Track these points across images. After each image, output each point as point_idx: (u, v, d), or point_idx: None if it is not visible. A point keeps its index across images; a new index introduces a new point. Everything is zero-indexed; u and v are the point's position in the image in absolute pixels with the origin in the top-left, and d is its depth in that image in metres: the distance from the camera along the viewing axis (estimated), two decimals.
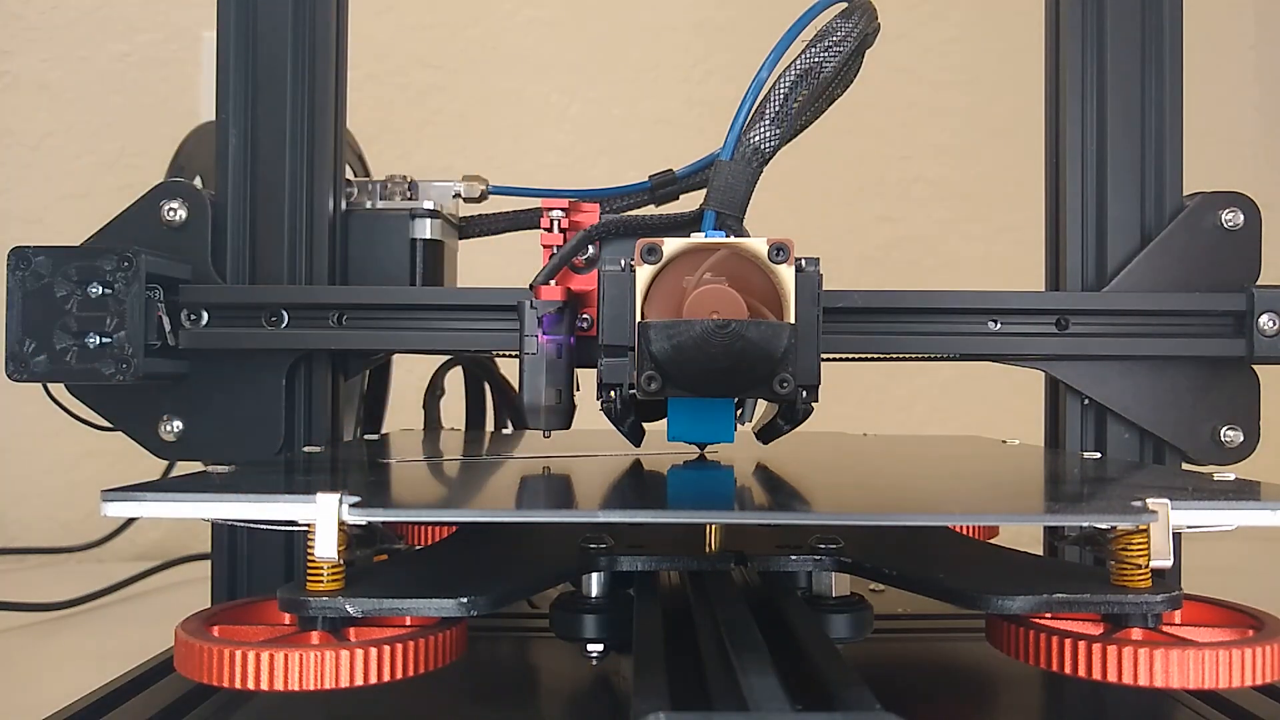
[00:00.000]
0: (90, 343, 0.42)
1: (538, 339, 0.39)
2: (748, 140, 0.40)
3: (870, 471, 0.43)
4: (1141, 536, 0.30)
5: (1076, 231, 0.48)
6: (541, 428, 0.39)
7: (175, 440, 0.46)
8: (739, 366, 0.33)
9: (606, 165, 1.06)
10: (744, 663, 0.25)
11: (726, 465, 0.42)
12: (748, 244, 0.34)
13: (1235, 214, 0.46)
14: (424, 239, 0.50)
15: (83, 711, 0.35)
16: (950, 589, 0.31)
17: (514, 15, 1.06)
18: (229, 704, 0.36)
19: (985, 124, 1.06)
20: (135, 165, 1.00)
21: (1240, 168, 1.07)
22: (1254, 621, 0.31)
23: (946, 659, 0.43)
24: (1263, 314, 0.44)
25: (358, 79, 0.52)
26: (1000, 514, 0.31)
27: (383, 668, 0.28)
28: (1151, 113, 0.48)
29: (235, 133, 0.47)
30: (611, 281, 0.36)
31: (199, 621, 0.30)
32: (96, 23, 1.01)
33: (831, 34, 0.41)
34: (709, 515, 0.32)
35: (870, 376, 1.02)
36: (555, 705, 0.38)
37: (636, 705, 0.22)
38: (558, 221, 0.44)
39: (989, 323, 0.46)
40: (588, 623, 0.35)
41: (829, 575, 0.36)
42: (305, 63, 0.48)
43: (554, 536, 0.37)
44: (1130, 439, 0.47)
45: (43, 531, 0.96)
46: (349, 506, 0.27)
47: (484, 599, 0.29)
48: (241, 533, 0.46)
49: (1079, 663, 0.28)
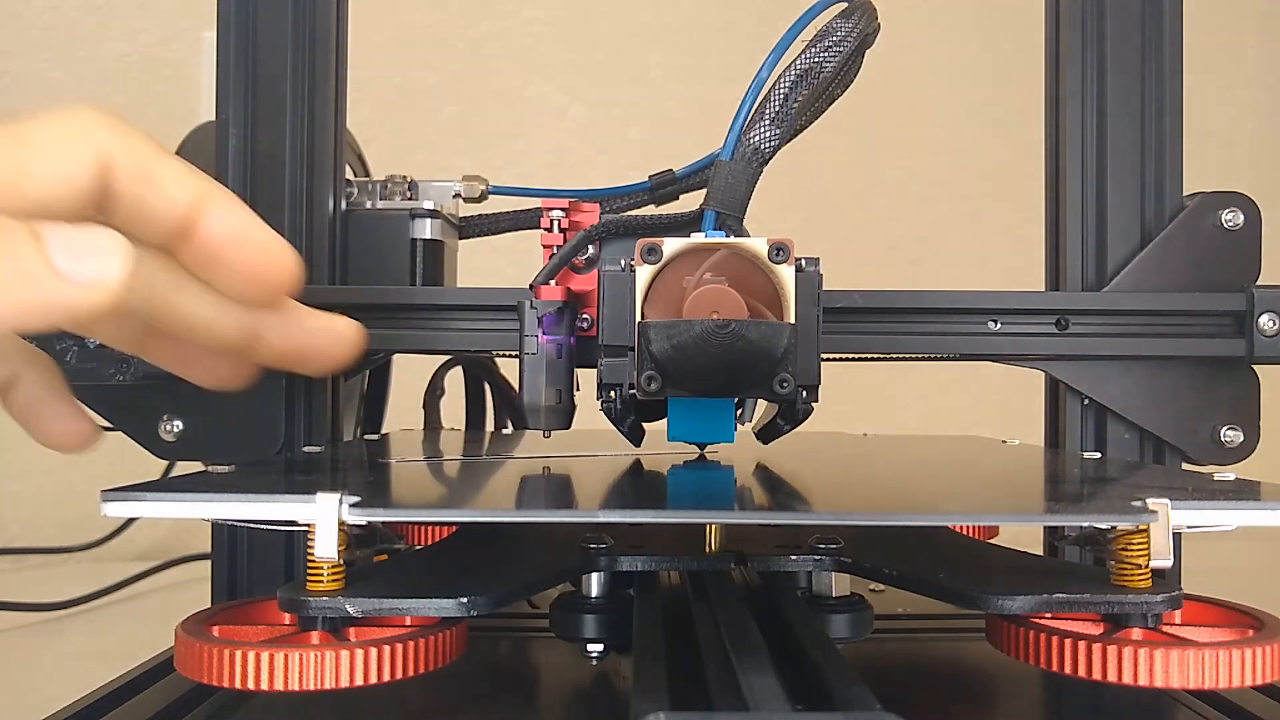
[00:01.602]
0: (90, 343, 0.42)
1: (538, 339, 0.39)
2: (748, 140, 0.40)
3: (870, 471, 0.43)
4: (1141, 536, 0.30)
5: (1076, 231, 0.48)
6: (541, 428, 0.39)
7: (175, 440, 0.46)
8: (739, 366, 0.33)
9: (606, 165, 1.06)
10: (744, 663, 0.25)
11: (726, 465, 0.42)
12: (748, 244, 0.34)
13: (1235, 214, 0.46)
14: (424, 239, 0.50)
15: (83, 711, 0.35)
16: (950, 589, 0.31)
17: (514, 15, 1.06)
18: (229, 704, 0.36)
19: (985, 124, 1.06)
20: None
21: (1240, 168, 1.07)
22: (1254, 621, 0.31)
23: (946, 659, 0.43)
24: (1263, 314, 0.44)
25: (358, 79, 0.52)
26: (1000, 514, 0.30)
27: (383, 668, 0.28)
28: (1151, 113, 0.48)
29: (235, 133, 0.47)
30: (611, 281, 0.36)
31: (199, 621, 0.30)
32: (96, 23, 1.01)
33: (831, 34, 0.41)
34: (709, 515, 0.32)
35: (870, 376, 1.02)
36: (555, 705, 0.38)
37: (636, 705, 0.22)
38: (558, 221, 0.44)
39: (989, 323, 0.46)
40: (588, 623, 0.35)
41: (829, 575, 0.36)
42: (305, 63, 0.48)
43: (554, 536, 0.37)
44: (1130, 439, 0.47)
45: (43, 531, 0.96)
46: (349, 506, 0.27)
47: (484, 599, 0.29)
48: (241, 533, 0.46)
49: (1079, 663, 0.28)
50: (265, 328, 0.34)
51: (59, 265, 0.26)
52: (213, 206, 0.31)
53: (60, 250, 0.26)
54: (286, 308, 0.34)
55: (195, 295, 0.32)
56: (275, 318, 0.34)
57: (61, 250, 0.26)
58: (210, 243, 0.31)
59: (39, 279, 0.26)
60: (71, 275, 0.26)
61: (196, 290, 0.32)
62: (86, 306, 0.26)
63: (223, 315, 0.32)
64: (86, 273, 0.26)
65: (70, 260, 0.26)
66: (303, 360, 0.35)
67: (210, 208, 0.31)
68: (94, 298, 0.26)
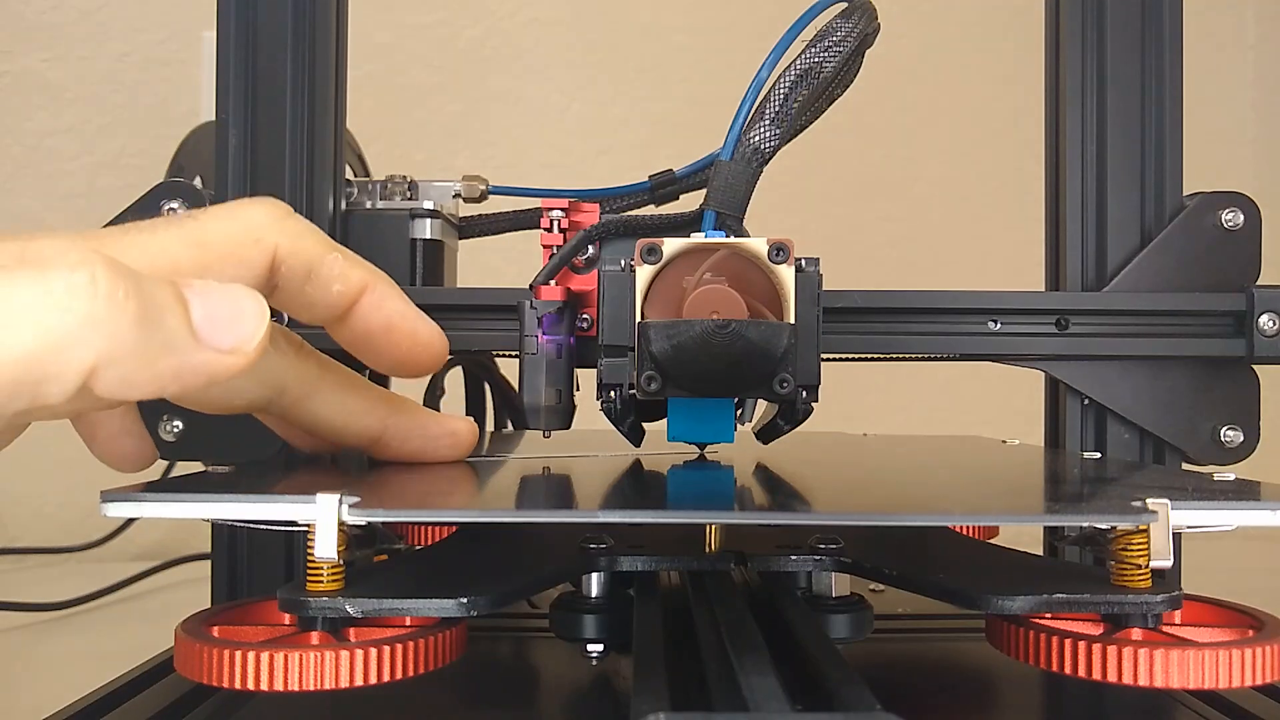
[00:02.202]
0: None
1: (538, 339, 0.39)
2: (748, 140, 0.40)
3: (870, 471, 0.43)
4: (1141, 536, 0.30)
5: (1076, 231, 0.48)
6: (541, 428, 0.39)
7: (175, 440, 0.46)
8: (739, 367, 0.33)
9: (606, 165, 1.06)
10: (744, 663, 0.25)
11: (726, 465, 0.42)
12: (748, 244, 0.34)
13: (1235, 214, 0.46)
14: (424, 239, 0.50)
15: (83, 711, 0.35)
16: (950, 589, 0.31)
17: (514, 15, 1.06)
18: (229, 704, 0.36)
19: (985, 124, 1.06)
20: (135, 165, 1.00)
21: (1240, 168, 1.07)
22: (1254, 621, 0.31)
23: (946, 659, 0.43)
24: (1263, 314, 0.44)
25: (358, 79, 0.52)
26: (1000, 514, 0.30)
27: (383, 668, 0.28)
28: (1151, 113, 0.48)
29: (235, 133, 0.47)
30: (611, 281, 0.36)
31: (199, 622, 0.30)
32: (96, 23, 1.01)
33: (831, 34, 0.41)
34: (709, 515, 0.32)
35: (870, 376, 1.02)
36: (555, 705, 0.38)
37: (636, 705, 0.22)
38: (558, 221, 0.44)
39: (989, 323, 0.46)
40: (588, 623, 0.35)
41: (829, 575, 0.36)
42: (305, 63, 0.48)
43: (554, 537, 0.37)
44: (1130, 439, 0.47)
45: (43, 531, 0.96)
46: (349, 506, 0.27)
47: (484, 599, 0.29)
48: (241, 533, 0.46)
49: (1079, 663, 0.28)
50: (389, 433, 0.35)
51: (202, 332, 0.26)
52: (368, 298, 0.32)
53: (204, 317, 0.26)
54: (409, 410, 0.36)
55: (327, 403, 0.33)
56: (399, 420, 0.35)
57: (206, 317, 0.26)
58: (365, 330, 0.32)
59: (182, 349, 0.25)
60: (213, 342, 0.26)
61: (330, 397, 0.33)
62: (224, 370, 0.26)
63: (352, 423, 0.34)
64: (227, 340, 0.26)
65: (213, 328, 0.26)
66: (420, 459, 0.37)
67: (367, 299, 0.32)
68: (231, 362, 0.26)
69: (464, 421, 0.37)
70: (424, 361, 0.35)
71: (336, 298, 0.32)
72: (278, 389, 0.32)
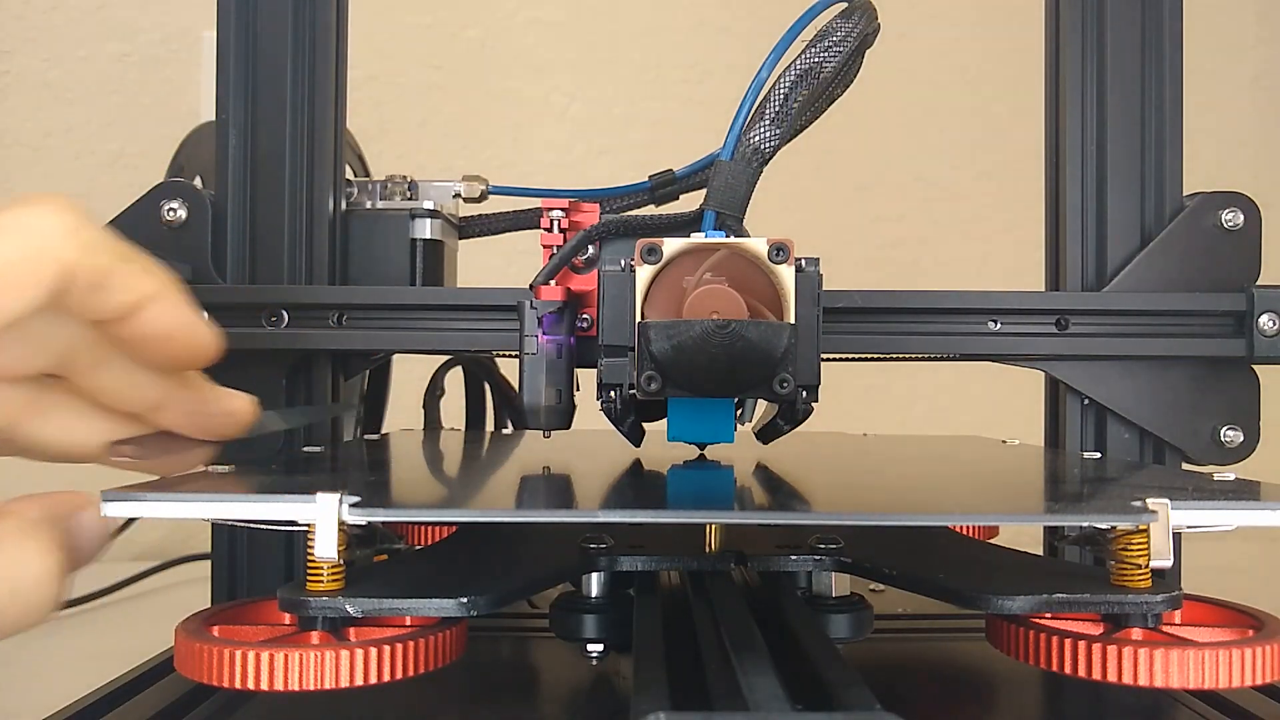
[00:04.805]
0: None
1: (538, 339, 0.39)
2: (748, 140, 0.40)
3: (870, 471, 0.43)
4: (1141, 536, 0.30)
5: (1076, 231, 0.48)
6: (541, 428, 0.39)
7: None
8: (739, 366, 0.33)
9: (606, 165, 1.06)
10: (744, 663, 0.25)
11: (726, 465, 0.42)
12: (748, 244, 0.34)
13: (1235, 214, 0.46)
14: (424, 239, 0.50)
15: (83, 711, 0.35)
16: (950, 589, 0.31)
17: (514, 15, 1.06)
18: (229, 704, 0.36)
19: (985, 124, 1.06)
20: (135, 165, 1.00)
21: (1240, 168, 1.07)
22: (1254, 621, 0.31)
23: (946, 659, 0.43)
24: (1263, 314, 0.44)
25: (358, 79, 0.52)
26: (1000, 514, 0.30)
27: (383, 668, 0.28)
28: (1151, 113, 0.48)
29: (235, 133, 0.47)
30: (611, 281, 0.36)
31: (199, 621, 0.30)
32: (96, 23, 1.01)
33: (831, 34, 0.41)
34: (709, 515, 0.32)
35: (870, 376, 1.02)
36: (555, 705, 0.38)
37: (636, 705, 0.22)
38: (558, 221, 0.44)
39: (989, 323, 0.46)
40: (588, 623, 0.35)
41: (829, 575, 0.36)
42: (305, 63, 0.48)
43: (554, 536, 0.37)
44: (1130, 439, 0.47)
45: None
46: (349, 506, 0.27)
47: (484, 599, 0.29)
48: (241, 533, 0.46)
49: (1079, 663, 0.28)
50: (170, 401, 0.34)
51: None
52: (151, 308, 0.31)
53: None
54: (193, 384, 0.34)
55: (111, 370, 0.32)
56: (181, 392, 0.34)
57: None
58: (142, 335, 0.31)
59: None
60: None
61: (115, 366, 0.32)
62: None
63: (134, 387, 0.33)
64: None
65: None
66: (198, 435, 0.36)
67: (149, 308, 0.31)
68: None
69: (242, 399, 0.36)
70: (191, 365, 0.34)
71: (121, 308, 0.30)
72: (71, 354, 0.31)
